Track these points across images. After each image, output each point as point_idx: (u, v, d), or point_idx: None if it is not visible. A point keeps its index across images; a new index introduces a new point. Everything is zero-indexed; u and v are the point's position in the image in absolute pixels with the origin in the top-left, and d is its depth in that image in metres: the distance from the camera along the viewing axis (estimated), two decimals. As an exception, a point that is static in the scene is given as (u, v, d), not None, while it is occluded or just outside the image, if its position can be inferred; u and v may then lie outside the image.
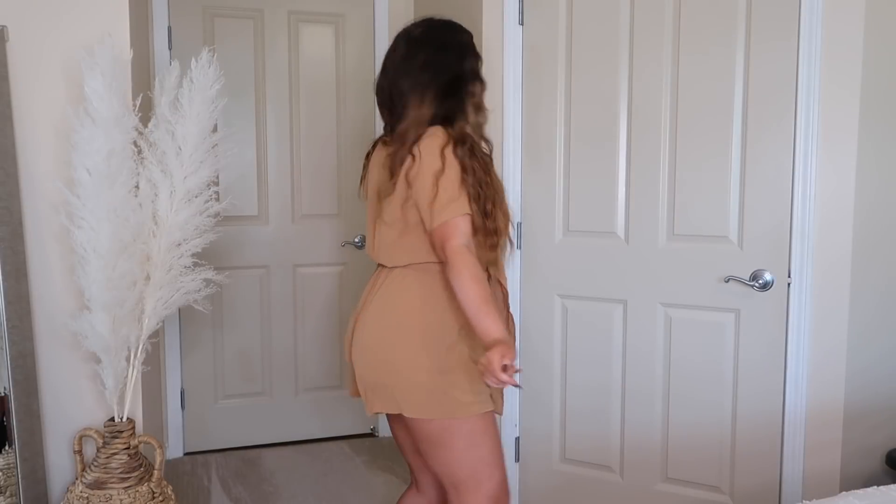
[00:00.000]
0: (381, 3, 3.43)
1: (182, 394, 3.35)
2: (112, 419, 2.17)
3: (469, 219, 1.70)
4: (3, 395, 2.14)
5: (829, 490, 2.13)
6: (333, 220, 3.50)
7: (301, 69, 3.40)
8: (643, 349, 2.42)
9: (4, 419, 2.15)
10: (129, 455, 2.14)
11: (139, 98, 2.21)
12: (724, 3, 2.19)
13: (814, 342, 2.15)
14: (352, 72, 3.46)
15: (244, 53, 3.31)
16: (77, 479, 2.15)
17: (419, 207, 1.72)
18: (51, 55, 2.21)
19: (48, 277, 2.24)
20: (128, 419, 2.18)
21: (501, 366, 1.56)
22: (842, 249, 2.10)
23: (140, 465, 2.16)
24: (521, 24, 2.54)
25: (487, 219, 1.73)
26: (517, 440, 2.67)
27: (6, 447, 2.17)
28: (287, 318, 3.48)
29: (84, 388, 2.29)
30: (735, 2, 2.18)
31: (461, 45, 1.87)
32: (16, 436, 2.12)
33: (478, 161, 1.75)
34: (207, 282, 2.24)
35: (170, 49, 3.17)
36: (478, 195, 1.72)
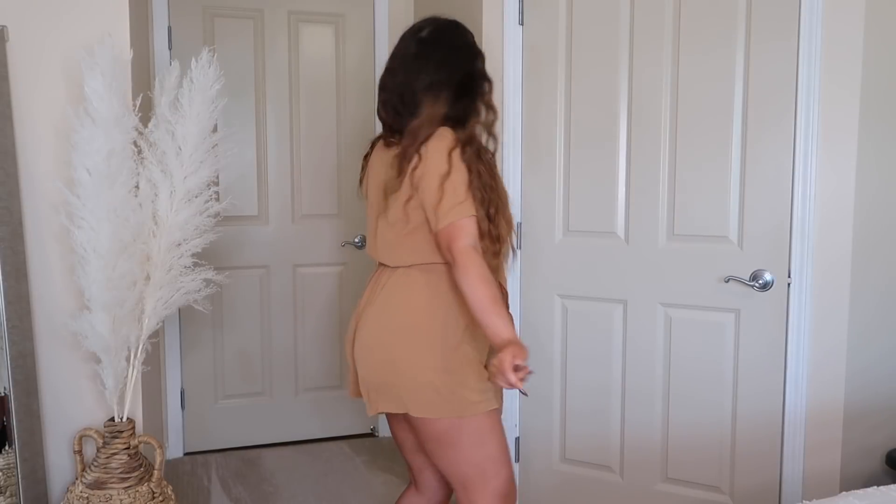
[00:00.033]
0: (381, 3, 3.43)
1: (182, 394, 3.35)
2: (112, 419, 2.17)
3: (475, 220, 1.69)
4: (3, 395, 2.14)
5: (829, 490, 2.13)
6: (333, 220, 3.50)
7: (301, 69, 3.40)
8: (643, 349, 2.42)
9: (4, 419, 2.15)
10: (129, 455, 2.14)
11: (139, 98, 2.21)
12: (724, 4, 2.20)
13: (814, 342, 2.15)
14: (352, 72, 3.46)
15: (244, 53, 3.31)
16: (77, 479, 2.15)
17: (425, 209, 1.71)
18: (51, 55, 2.21)
19: (48, 277, 2.25)
20: (128, 419, 2.18)
21: (513, 366, 1.55)
22: (842, 249, 2.10)
23: (140, 465, 2.16)
24: (521, 24, 2.54)
25: (491, 223, 1.73)
26: (517, 440, 2.67)
27: (6, 447, 2.17)
28: (287, 318, 3.48)
29: (84, 388, 2.29)
30: (735, 2, 2.18)
31: (470, 45, 1.88)
32: (16, 436, 2.12)
33: (484, 165, 1.74)
34: (207, 282, 2.24)
35: (170, 49, 3.17)
36: (483, 199, 1.71)
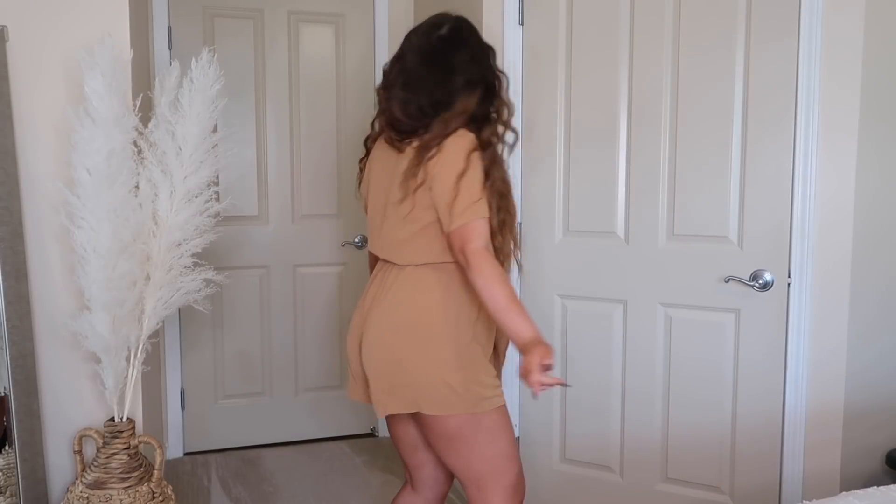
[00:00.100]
0: (382, 4, 3.43)
1: (182, 394, 3.35)
2: (112, 419, 2.17)
3: (487, 222, 1.69)
4: (3, 395, 2.14)
5: (829, 490, 2.13)
6: (333, 220, 3.50)
7: (301, 69, 3.40)
8: (643, 349, 2.42)
9: (4, 419, 2.15)
10: (129, 455, 2.14)
11: (139, 98, 2.21)
12: (724, 4, 2.19)
13: (814, 342, 2.15)
14: (352, 72, 3.46)
15: (244, 53, 3.31)
16: (77, 479, 2.15)
17: (437, 207, 1.70)
18: (51, 55, 2.21)
19: (48, 277, 2.24)
20: (128, 419, 2.18)
21: (542, 366, 1.55)
22: (842, 249, 2.10)
23: (140, 465, 2.16)
24: (521, 24, 2.54)
25: (499, 234, 1.73)
26: (517, 440, 2.67)
27: (6, 447, 2.17)
28: (287, 318, 3.48)
29: (84, 388, 2.29)
30: (735, 2, 2.18)
31: (485, 42, 1.88)
32: (16, 436, 2.12)
33: (500, 173, 1.74)
34: (207, 282, 2.24)
35: (170, 49, 3.17)
36: (491, 205, 1.71)
